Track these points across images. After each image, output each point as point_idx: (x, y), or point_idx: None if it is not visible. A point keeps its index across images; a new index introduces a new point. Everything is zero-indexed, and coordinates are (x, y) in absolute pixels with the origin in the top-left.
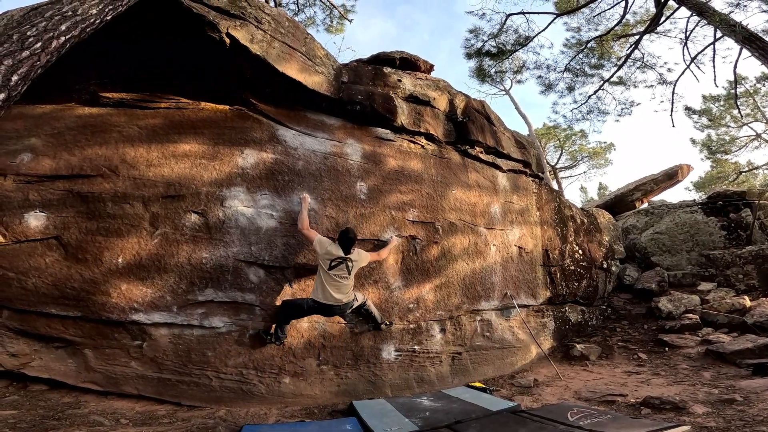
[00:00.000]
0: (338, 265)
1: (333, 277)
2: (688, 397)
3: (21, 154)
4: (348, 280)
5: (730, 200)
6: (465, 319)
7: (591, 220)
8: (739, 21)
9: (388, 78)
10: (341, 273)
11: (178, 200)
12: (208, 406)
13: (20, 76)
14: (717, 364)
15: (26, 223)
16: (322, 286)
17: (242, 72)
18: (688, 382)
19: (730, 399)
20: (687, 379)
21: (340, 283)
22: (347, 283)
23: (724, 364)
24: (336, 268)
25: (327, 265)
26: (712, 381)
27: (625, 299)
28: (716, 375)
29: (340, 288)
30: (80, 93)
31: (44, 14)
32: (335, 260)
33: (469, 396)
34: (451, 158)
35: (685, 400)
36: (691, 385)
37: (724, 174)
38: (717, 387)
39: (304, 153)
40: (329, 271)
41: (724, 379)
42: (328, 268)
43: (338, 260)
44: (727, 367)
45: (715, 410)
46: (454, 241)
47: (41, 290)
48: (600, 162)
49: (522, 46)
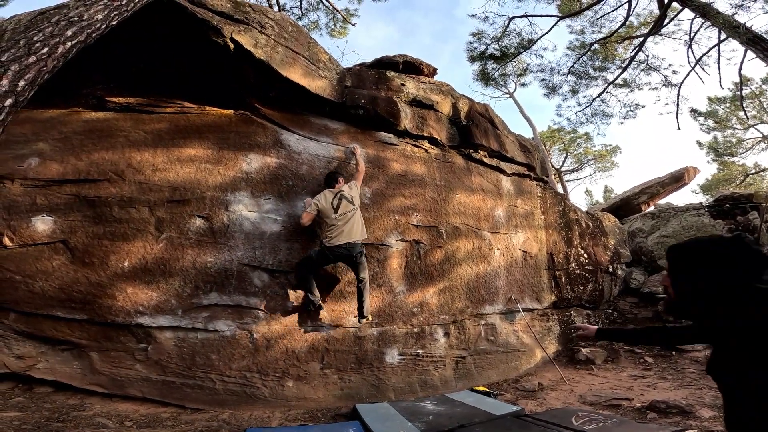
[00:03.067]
0: (340, 202)
1: (343, 216)
2: (695, 400)
3: (28, 159)
4: (355, 212)
5: (737, 203)
6: (469, 323)
7: (596, 224)
8: (742, 22)
9: (392, 82)
10: (347, 207)
11: (183, 205)
12: (211, 409)
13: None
14: None
15: (33, 227)
16: (335, 231)
17: (246, 76)
18: (695, 386)
19: None
20: (694, 383)
21: (351, 220)
22: (357, 217)
23: None
24: (341, 207)
25: (332, 209)
26: None
27: (632, 303)
28: None
29: (353, 227)
30: (87, 97)
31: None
32: (335, 199)
33: (473, 400)
34: (454, 162)
35: (692, 404)
36: (699, 388)
37: (731, 176)
38: None
39: (308, 157)
40: (337, 215)
41: None
42: (335, 211)
43: (337, 198)
44: None
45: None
46: (458, 245)
47: (48, 293)
48: (605, 165)
49: (525, 49)
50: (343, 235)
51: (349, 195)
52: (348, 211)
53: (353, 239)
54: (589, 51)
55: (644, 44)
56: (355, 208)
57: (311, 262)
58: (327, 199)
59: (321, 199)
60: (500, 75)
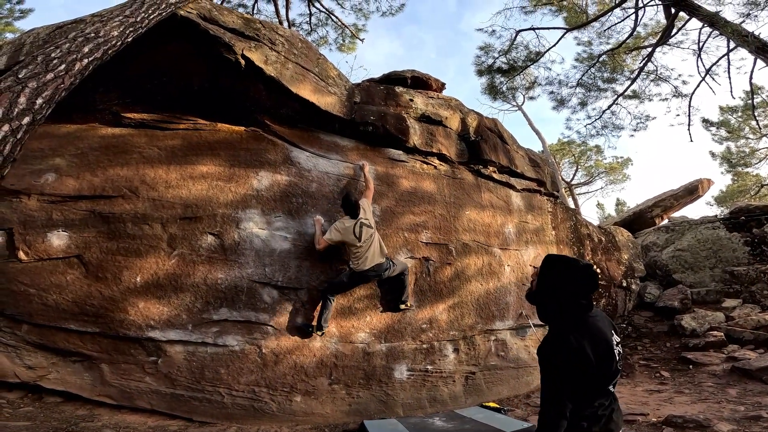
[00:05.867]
0: (361, 230)
1: (366, 242)
2: (712, 414)
3: (45, 174)
4: (374, 234)
5: (753, 215)
6: (479, 339)
7: (609, 238)
8: (751, 31)
9: (400, 98)
10: (368, 233)
11: (195, 222)
12: (219, 422)
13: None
14: (743, 381)
15: (49, 241)
16: (361, 258)
17: (257, 93)
18: (712, 400)
19: (756, 416)
20: (712, 397)
21: (373, 243)
22: (377, 239)
23: (751, 381)
24: (363, 234)
25: (356, 238)
26: (738, 398)
27: (647, 317)
28: (742, 392)
29: (375, 249)
30: (104, 113)
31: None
32: (356, 227)
33: (483, 416)
34: (464, 178)
35: (710, 418)
36: (716, 402)
37: (746, 187)
38: (743, 404)
39: (318, 175)
40: (361, 242)
41: (751, 396)
42: (359, 239)
43: (359, 227)
44: (753, 384)
45: (740, 427)
46: (467, 262)
47: (61, 306)
48: (617, 177)
49: (533, 61)
50: (368, 259)
51: (366, 220)
52: (369, 236)
53: (378, 261)
54: (598, 62)
55: (653, 54)
56: (374, 230)
57: (343, 285)
58: (348, 231)
59: (341, 229)
60: (508, 88)
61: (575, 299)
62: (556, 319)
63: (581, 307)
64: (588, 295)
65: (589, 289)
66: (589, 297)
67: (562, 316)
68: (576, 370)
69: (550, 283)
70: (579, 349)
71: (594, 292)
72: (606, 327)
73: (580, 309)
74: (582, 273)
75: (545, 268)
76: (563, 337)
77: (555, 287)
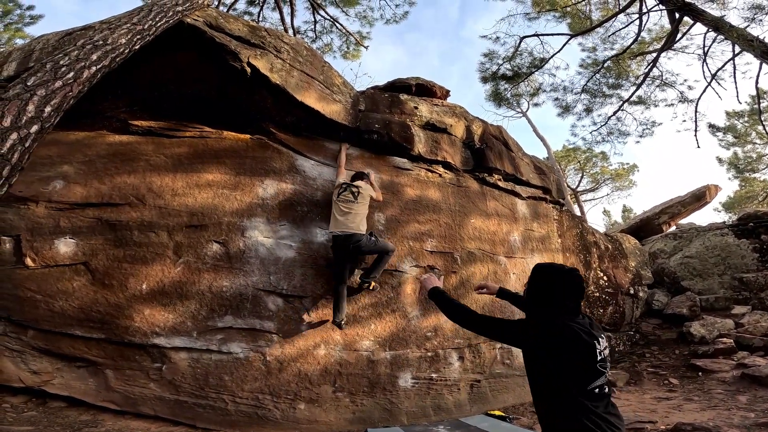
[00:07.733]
0: (344, 191)
1: (339, 205)
2: (722, 422)
3: (53, 181)
4: (355, 205)
5: (761, 221)
6: (484, 347)
7: (616, 246)
8: (756, 36)
9: (405, 105)
10: (347, 198)
11: (200, 230)
12: (222, 429)
13: (53, 107)
14: (753, 388)
15: (56, 248)
16: (333, 218)
17: (262, 101)
18: (722, 407)
19: (766, 422)
20: (722, 404)
21: (349, 210)
22: (355, 210)
23: (761, 388)
24: (342, 194)
25: (335, 195)
26: (749, 405)
27: (655, 324)
28: (752, 399)
29: (347, 215)
30: (111, 120)
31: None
32: (340, 186)
33: (488, 425)
34: (469, 186)
35: (719, 425)
36: (726, 409)
37: (753, 193)
38: (753, 411)
39: (323, 183)
40: (337, 200)
41: (761, 403)
42: (336, 197)
43: (343, 186)
44: (763, 391)
45: None
46: (473, 271)
47: (67, 312)
48: (623, 184)
49: (537, 68)
50: (339, 222)
51: (356, 189)
52: (347, 202)
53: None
54: (602, 68)
55: (658, 60)
56: (356, 204)
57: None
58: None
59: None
60: (513, 95)
61: (563, 302)
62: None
63: (568, 310)
64: (576, 299)
65: (576, 293)
66: (577, 302)
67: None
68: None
69: (539, 288)
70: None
71: (582, 296)
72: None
73: (567, 312)
74: (568, 277)
75: (534, 276)
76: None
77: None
